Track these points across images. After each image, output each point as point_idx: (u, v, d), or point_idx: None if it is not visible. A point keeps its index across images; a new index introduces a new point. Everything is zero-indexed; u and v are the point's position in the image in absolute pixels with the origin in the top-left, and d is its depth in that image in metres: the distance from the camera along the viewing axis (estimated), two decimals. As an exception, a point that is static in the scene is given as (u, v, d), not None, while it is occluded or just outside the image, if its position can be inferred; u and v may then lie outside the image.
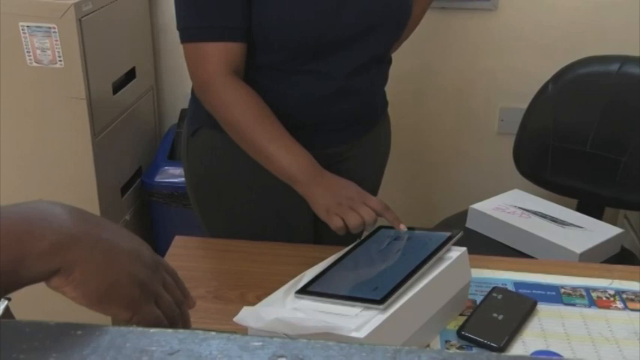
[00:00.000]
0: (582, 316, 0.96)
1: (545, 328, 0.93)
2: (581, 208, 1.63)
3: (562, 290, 1.02)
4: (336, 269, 0.92)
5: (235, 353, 0.40)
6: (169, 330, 0.43)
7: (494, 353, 0.92)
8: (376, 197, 1.04)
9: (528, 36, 2.04)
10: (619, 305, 0.98)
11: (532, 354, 0.86)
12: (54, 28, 1.58)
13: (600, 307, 0.98)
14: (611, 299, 1.00)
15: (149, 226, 2.06)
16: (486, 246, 1.44)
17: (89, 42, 1.64)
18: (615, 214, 2.14)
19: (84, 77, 1.63)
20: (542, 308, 0.97)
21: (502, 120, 2.15)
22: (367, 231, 1.02)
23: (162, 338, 0.42)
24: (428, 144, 2.22)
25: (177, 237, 1.16)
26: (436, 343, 0.89)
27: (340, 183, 1.04)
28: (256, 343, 0.41)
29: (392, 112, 1.34)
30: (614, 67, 1.64)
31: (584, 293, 1.01)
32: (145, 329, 0.43)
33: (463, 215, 1.54)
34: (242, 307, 0.83)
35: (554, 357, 0.87)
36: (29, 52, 1.61)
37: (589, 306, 0.98)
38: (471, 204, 1.52)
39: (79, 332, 0.42)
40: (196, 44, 1.06)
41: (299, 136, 1.07)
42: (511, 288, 1.01)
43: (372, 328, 0.75)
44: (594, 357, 0.87)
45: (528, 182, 1.76)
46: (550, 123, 1.69)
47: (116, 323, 0.47)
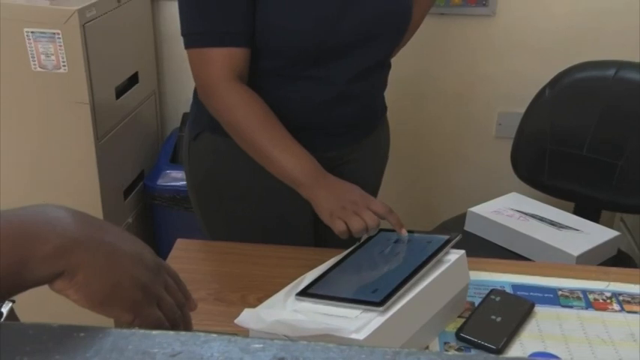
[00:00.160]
0: (579, 318, 0.96)
1: (542, 330, 0.93)
2: (578, 212, 1.62)
3: (559, 292, 1.02)
4: (337, 272, 0.92)
5: (236, 355, 0.41)
6: (171, 332, 0.44)
7: (492, 355, 0.93)
8: (379, 200, 1.04)
9: (526, 41, 2.04)
10: (616, 307, 0.98)
11: (530, 356, 0.86)
12: (58, 34, 1.59)
13: (597, 309, 0.98)
14: (607, 301, 1.00)
15: (151, 229, 2.06)
16: (484, 248, 1.44)
17: (93, 47, 1.64)
18: (612, 217, 2.14)
19: (87, 82, 1.64)
20: (539, 310, 0.97)
21: (500, 124, 2.15)
22: (369, 234, 1.01)
23: (164, 340, 0.42)
24: (427, 148, 2.22)
25: (178, 240, 1.16)
26: (435, 345, 0.89)
27: (344, 186, 1.04)
28: (257, 345, 0.42)
29: (392, 116, 1.34)
30: (610, 72, 1.64)
31: (581, 295, 1.01)
32: (147, 331, 0.43)
33: (462, 218, 1.54)
34: (243, 309, 0.84)
35: (551, 359, 0.87)
36: (34, 58, 1.62)
37: (586, 308, 0.98)
38: (470, 207, 1.52)
39: (82, 334, 0.43)
40: (200, 50, 1.06)
41: (300, 140, 1.07)
42: (509, 290, 1.01)
43: (372, 330, 0.75)
44: (591, 359, 0.87)
45: (526, 185, 1.76)
46: (547, 127, 1.69)
47: (118, 325, 0.48)
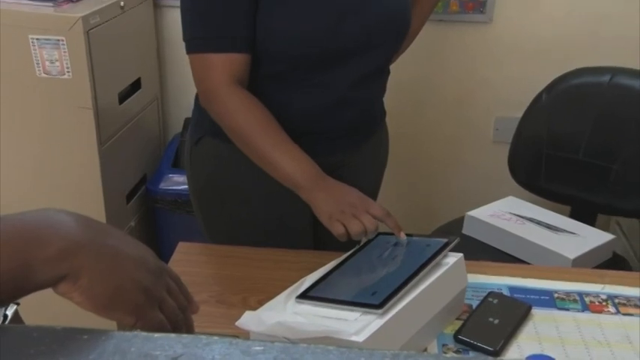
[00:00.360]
0: (575, 321, 0.96)
1: (539, 332, 0.93)
2: (574, 215, 1.63)
3: (556, 295, 1.02)
4: (336, 275, 0.93)
5: (237, 357, 0.41)
6: (173, 335, 0.44)
7: (490, 357, 0.93)
8: (378, 203, 1.04)
9: (523, 47, 2.05)
10: (611, 310, 0.99)
11: (527, 358, 0.86)
12: (62, 41, 1.60)
13: (593, 312, 0.98)
14: (603, 304, 1.00)
15: (154, 232, 2.07)
16: (482, 252, 1.44)
17: (96, 54, 1.66)
18: (607, 221, 2.14)
19: (91, 88, 1.66)
20: (536, 313, 0.97)
21: (497, 129, 2.16)
22: (368, 237, 1.02)
23: (166, 343, 0.43)
24: (426, 152, 2.23)
25: (180, 243, 1.17)
26: (433, 347, 0.89)
27: (343, 189, 1.04)
28: (258, 348, 0.42)
29: (391, 121, 1.35)
30: (605, 78, 1.65)
31: (577, 298, 1.02)
32: (150, 334, 0.44)
33: (460, 222, 1.54)
34: (244, 312, 0.85)
35: (548, 361, 0.87)
36: (38, 64, 1.63)
37: (582, 310, 0.99)
38: (468, 211, 1.53)
39: (85, 337, 0.43)
40: (201, 55, 1.07)
41: (301, 145, 1.08)
42: (506, 293, 1.02)
43: (371, 332, 0.76)
44: (587, 360, 0.88)
45: (523, 189, 1.77)
46: (544, 132, 1.70)
47: (121, 328, 0.48)
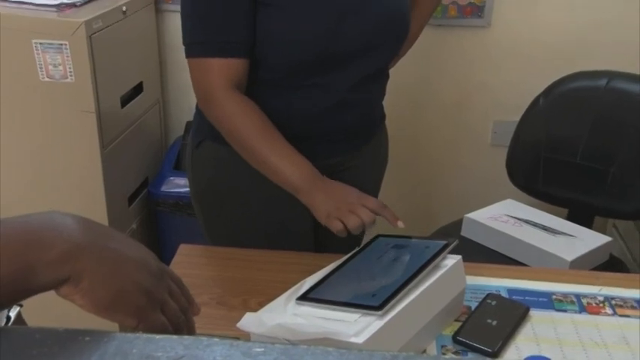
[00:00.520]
0: (573, 322, 0.97)
1: (537, 334, 0.94)
2: (571, 218, 1.63)
3: (553, 297, 1.03)
4: (336, 277, 0.93)
5: (238, 359, 0.42)
6: (174, 336, 0.45)
7: (488, 358, 0.94)
8: (373, 197, 1.05)
9: (520, 51, 2.06)
10: (608, 311, 1.00)
11: (525, 359, 0.86)
12: (65, 45, 1.61)
13: (590, 313, 0.99)
14: (600, 305, 1.01)
15: (155, 235, 2.07)
16: (481, 254, 1.45)
17: (99, 58, 1.66)
18: (604, 223, 2.14)
19: (94, 92, 1.66)
20: (534, 314, 0.98)
21: (495, 132, 2.16)
22: (367, 231, 1.02)
23: (167, 344, 0.43)
24: (425, 155, 2.24)
25: (182, 245, 1.17)
26: (432, 348, 0.90)
27: (340, 188, 1.05)
28: (258, 349, 0.43)
29: (391, 124, 1.36)
30: (602, 82, 1.65)
31: (574, 299, 1.02)
32: (151, 335, 0.45)
33: (458, 224, 1.55)
34: (245, 314, 0.85)
35: (545, 362, 0.87)
36: (42, 68, 1.64)
37: (579, 312, 0.99)
38: (466, 213, 1.53)
39: (87, 338, 0.44)
40: (200, 59, 1.07)
41: (300, 148, 1.08)
42: (504, 294, 1.02)
43: (371, 334, 0.76)
44: (585, 361, 0.88)
45: (521, 192, 1.77)
46: (542, 135, 1.71)
47: (123, 330, 0.49)
